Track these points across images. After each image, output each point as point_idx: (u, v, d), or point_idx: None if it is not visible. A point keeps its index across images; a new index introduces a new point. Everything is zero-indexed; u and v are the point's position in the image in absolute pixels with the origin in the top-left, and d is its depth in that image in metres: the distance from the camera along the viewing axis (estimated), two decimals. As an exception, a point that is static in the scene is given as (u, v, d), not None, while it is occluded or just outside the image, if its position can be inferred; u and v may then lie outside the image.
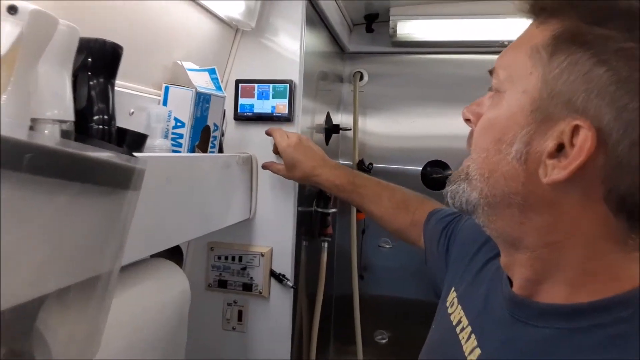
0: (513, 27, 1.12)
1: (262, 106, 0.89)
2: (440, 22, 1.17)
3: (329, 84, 1.21)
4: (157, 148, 0.68)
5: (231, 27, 0.90)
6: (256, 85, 0.89)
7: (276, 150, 0.83)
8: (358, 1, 1.15)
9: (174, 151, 0.72)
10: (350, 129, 1.29)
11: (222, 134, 0.86)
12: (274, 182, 0.90)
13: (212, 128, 0.78)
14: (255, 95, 0.90)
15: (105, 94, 0.56)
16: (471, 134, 0.44)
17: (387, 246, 1.35)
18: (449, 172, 1.31)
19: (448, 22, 1.16)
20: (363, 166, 1.27)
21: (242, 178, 0.86)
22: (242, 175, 0.86)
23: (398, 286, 1.34)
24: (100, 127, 0.55)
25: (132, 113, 0.67)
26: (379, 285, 1.35)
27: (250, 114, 0.90)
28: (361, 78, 1.35)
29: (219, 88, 0.79)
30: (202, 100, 0.73)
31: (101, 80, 0.56)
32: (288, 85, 0.87)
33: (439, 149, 1.32)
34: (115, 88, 0.59)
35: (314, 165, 0.77)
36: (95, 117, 0.55)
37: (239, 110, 0.90)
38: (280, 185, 0.90)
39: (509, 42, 1.22)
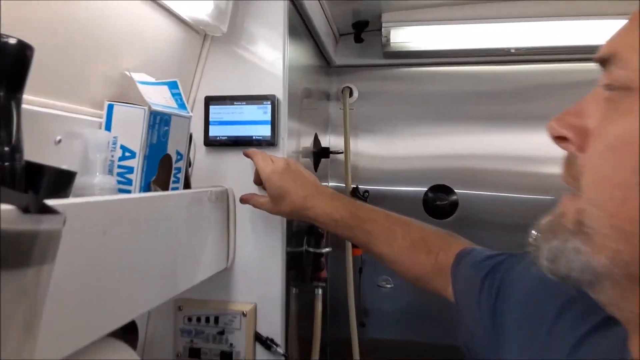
0: (522, 32, 0.98)
1: (239, 128, 0.75)
2: (439, 29, 1.04)
3: (314, 102, 1.08)
4: (96, 188, 0.52)
5: (198, 33, 0.75)
6: (231, 102, 0.75)
7: (258, 180, 0.70)
8: (345, 4, 1.02)
9: (121, 191, 0.54)
10: (341, 152, 1.15)
11: (189, 164, 0.71)
12: (256, 220, 0.75)
13: (174, 158, 0.62)
14: (230, 115, 0.75)
15: (5, 115, 0.38)
16: (571, 159, 0.30)
17: (388, 286, 1.21)
18: (454, 197, 1.16)
19: (448, 29, 1.03)
20: (357, 194, 1.14)
21: (215, 218, 0.71)
22: (215, 214, 0.70)
23: (402, 330, 1.20)
24: (-4, 163, 0.36)
25: (59, 141, 0.50)
26: (380, 329, 1.21)
27: (224, 138, 0.75)
28: (350, 94, 1.23)
29: (182, 106, 0.63)
30: (159, 122, 0.56)
31: (-2, 94, 0.37)
32: (270, 102, 0.73)
33: (441, 170, 1.19)
34: (28, 106, 0.45)
35: (305, 196, 0.65)
36: (-12, 150, 0.37)
37: (209, 134, 0.76)
38: (264, 224, 0.75)
39: (517, 49, 1.09)
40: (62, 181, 0.45)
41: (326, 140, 1.25)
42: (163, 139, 0.60)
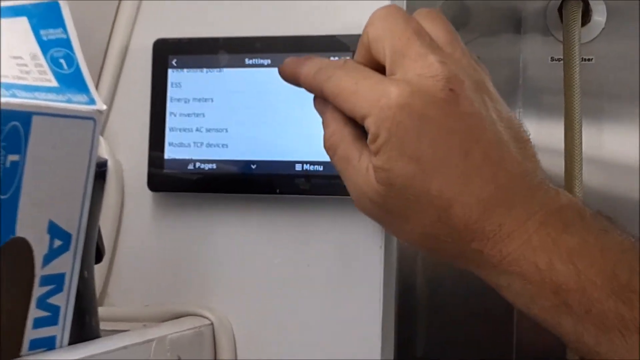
0: None
1: (255, 133, 0.75)
2: None
3: (479, 40, 1.09)
4: None
5: None
6: (232, 60, 0.74)
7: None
8: None
9: None
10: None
11: (98, 255, 0.66)
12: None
13: (40, 247, 0.55)
14: (227, 97, 0.75)
15: None
16: None
17: None
18: None
19: None
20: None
21: None
22: None
23: None
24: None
25: None
26: None
27: (207, 168, 0.73)
28: (586, 18, 1.16)
29: (70, 83, 0.57)
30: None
31: None
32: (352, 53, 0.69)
33: None
34: None
35: (486, 201, 0.59)
36: None
37: (165, 157, 0.74)
38: None
39: None
40: None
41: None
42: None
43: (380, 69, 0.62)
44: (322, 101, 0.65)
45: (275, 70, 0.68)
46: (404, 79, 0.59)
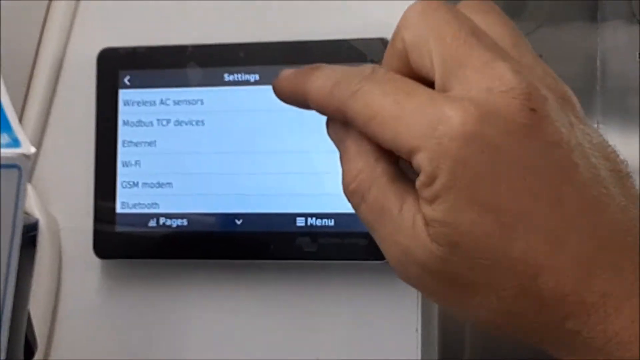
0: None
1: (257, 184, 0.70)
2: None
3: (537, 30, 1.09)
4: None
5: None
6: (217, 70, 0.69)
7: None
8: None
9: None
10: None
11: (30, 352, 0.62)
12: None
13: None
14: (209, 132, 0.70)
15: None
16: None
17: None
18: None
19: None
20: None
21: None
22: None
23: None
24: None
25: None
26: None
27: (186, 217, 0.69)
28: None
29: None
30: None
31: None
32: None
33: None
34: None
35: (582, 270, 0.51)
36: None
37: (117, 212, 0.69)
38: None
39: None
40: None
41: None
42: None
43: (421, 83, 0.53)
44: (341, 126, 0.55)
45: (265, 89, 0.65)
46: (468, 97, 0.48)
